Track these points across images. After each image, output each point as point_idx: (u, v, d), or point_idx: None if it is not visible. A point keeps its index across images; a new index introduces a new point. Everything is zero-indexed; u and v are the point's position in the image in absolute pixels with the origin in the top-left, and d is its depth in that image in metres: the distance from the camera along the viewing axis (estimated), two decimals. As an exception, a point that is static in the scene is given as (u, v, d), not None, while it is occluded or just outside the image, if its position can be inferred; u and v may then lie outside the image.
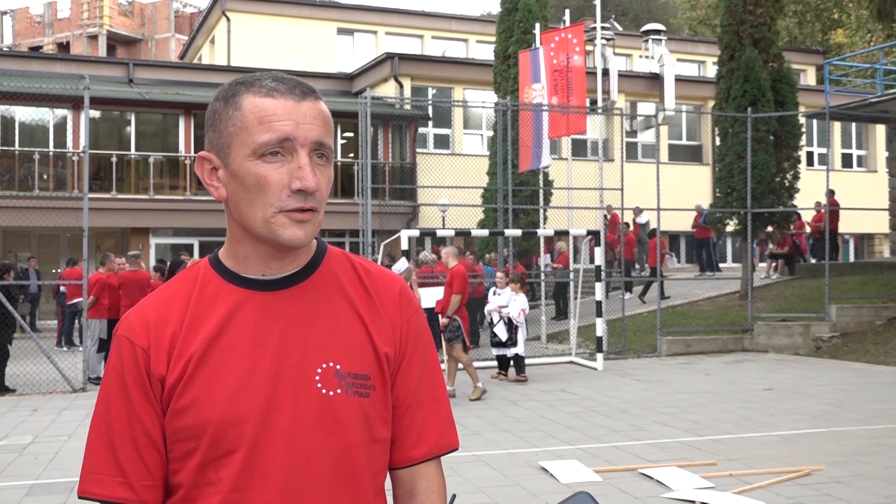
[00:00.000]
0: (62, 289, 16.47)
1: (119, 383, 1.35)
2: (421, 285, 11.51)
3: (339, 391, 1.35)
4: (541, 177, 16.11)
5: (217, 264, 1.42)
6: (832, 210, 17.03)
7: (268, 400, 1.32)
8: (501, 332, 11.30)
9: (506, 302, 11.58)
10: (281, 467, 1.31)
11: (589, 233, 13.02)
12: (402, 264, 10.12)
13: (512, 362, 11.67)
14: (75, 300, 15.14)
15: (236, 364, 1.33)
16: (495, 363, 12.04)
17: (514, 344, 11.32)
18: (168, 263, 14.86)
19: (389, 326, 1.43)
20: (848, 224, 21.67)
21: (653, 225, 18.15)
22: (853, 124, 27.06)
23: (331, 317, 1.39)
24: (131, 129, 22.06)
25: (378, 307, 1.43)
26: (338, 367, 1.36)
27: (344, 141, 23.96)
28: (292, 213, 1.32)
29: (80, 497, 1.37)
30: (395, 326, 1.44)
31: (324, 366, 1.36)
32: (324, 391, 1.34)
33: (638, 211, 19.99)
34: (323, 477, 1.33)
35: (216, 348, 1.34)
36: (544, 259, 17.76)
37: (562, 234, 14.30)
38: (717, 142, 17.30)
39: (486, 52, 26.93)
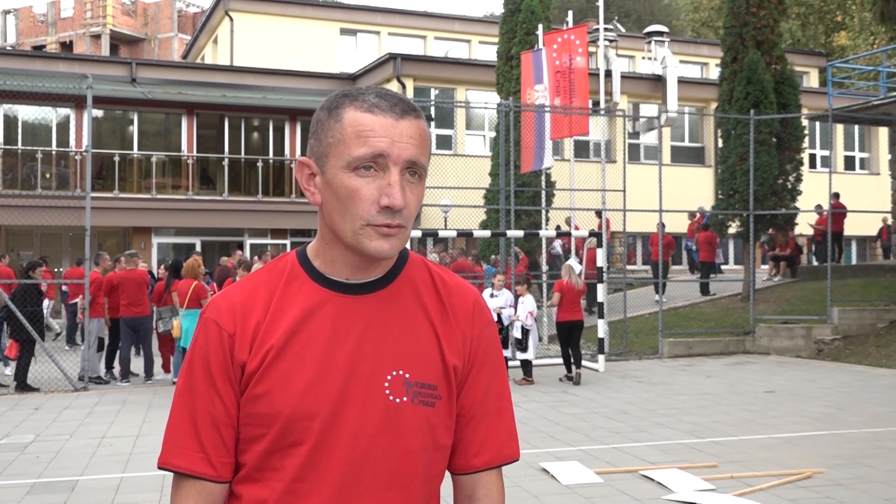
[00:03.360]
0: (64, 288, 16.49)
1: (203, 363, 1.41)
2: None
3: (405, 399, 1.41)
4: (543, 178, 16.10)
5: (304, 261, 1.47)
6: (838, 213, 16.99)
7: (338, 399, 1.38)
8: (517, 335, 11.25)
9: (503, 304, 11.49)
10: (342, 464, 1.38)
11: (591, 234, 13.01)
12: (575, 261, 10.33)
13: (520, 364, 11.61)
14: (76, 299, 15.15)
15: (312, 360, 1.39)
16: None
17: (525, 349, 11.26)
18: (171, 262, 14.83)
19: (460, 338, 1.48)
20: (850, 226, 21.64)
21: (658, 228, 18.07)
22: (856, 127, 27.05)
23: (406, 325, 1.44)
24: (134, 129, 22.08)
25: (451, 319, 1.48)
26: (407, 375, 1.42)
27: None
28: (380, 227, 1.36)
29: (160, 468, 1.44)
30: (466, 338, 1.49)
31: (394, 373, 1.41)
32: (391, 398, 1.40)
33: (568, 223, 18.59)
34: (380, 479, 1.39)
35: (295, 342, 1.39)
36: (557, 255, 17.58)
37: (563, 236, 14.29)
38: (720, 144, 17.27)
39: (489, 53, 26.94)
